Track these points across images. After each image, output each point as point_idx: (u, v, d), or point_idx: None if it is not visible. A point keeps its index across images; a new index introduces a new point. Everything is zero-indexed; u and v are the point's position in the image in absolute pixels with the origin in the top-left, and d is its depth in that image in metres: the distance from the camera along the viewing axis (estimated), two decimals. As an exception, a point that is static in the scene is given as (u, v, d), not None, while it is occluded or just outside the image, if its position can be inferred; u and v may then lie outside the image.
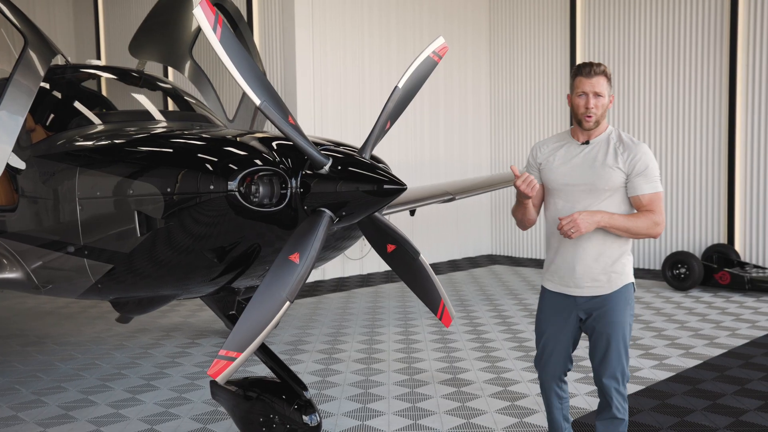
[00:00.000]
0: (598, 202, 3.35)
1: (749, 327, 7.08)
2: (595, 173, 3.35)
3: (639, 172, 3.31)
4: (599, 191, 3.34)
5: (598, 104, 3.33)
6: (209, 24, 2.83)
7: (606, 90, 3.35)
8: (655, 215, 3.31)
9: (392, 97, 3.45)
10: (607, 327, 3.38)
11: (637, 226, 3.30)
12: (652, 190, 3.31)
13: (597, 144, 3.40)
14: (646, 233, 3.32)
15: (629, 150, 3.34)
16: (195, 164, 3.44)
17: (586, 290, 3.40)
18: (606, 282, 3.38)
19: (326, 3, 10.40)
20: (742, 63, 9.82)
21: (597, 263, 3.37)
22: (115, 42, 13.96)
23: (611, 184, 3.33)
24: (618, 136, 3.41)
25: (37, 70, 4.22)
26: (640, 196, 3.33)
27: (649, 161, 3.32)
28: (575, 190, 3.39)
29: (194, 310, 8.35)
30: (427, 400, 5.08)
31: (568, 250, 3.42)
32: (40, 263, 4.34)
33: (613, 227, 3.30)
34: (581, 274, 3.39)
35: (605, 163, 3.33)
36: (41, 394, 5.35)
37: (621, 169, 3.32)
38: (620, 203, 3.37)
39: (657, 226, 3.31)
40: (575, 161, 3.41)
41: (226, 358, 2.87)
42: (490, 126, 13.17)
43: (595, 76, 3.32)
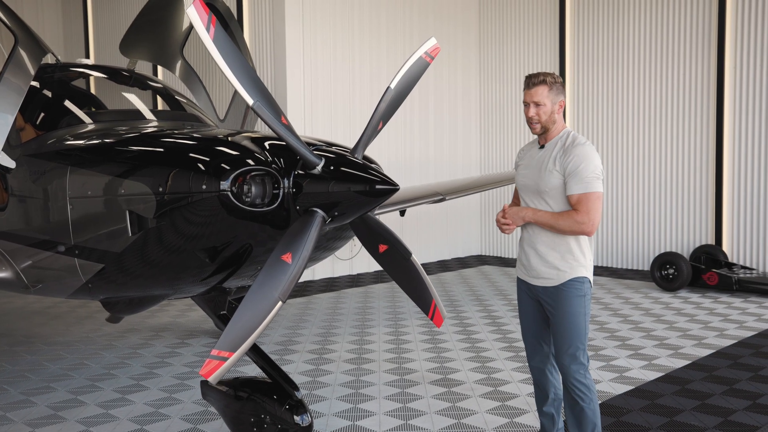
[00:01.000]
0: (543, 202, 3.66)
1: (737, 327, 7.13)
2: (539, 175, 3.65)
3: (570, 173, 3.53)
4: (542, 192, 3.64)
5: (539, 112, 3.62)
6: (202, 23, 2.82)
7: (547, 98, 3.60)
8: (578, 215, 3.50)
9: (384, 98, 3.45)
10: (558, 317, 3.65)
11: (559, 224, 3.55)
12: (580, 190, 3.51)
13: (549, 147, 3.68)
14: (570, 230, 3.55)
15: (566, 152, 3.57)
16: (187, 164, 3.42)
17: (541, 281, 3.70)
18: (556, 275, 3.63)
19: (316, 2, 10.40)
20: (730, 65, 9.89)
21: (547, 257, 3.64)
22: (104, 41, 13.90)
23: (550, 185, 3.60)
24: (566, 138, 3.64)
25: (27, 68, 4.20)
26: (569, 196, 3.56)
27: (580, 162, 3.51)
28: (528, 190, 3.74)
29: (183, 310, 8.33)
30: (417, 400, 5.09)
31: (526, 243, 3.77)
32: (29, 263, 4.32)
33: (537, 222, 3.62)
34: (535, 266, 3.70)
35: (547, 167, 3.61)
36: (30, 394, 5.32)
37: (558, 171, 3.57)
38: (564, 204, 3.60)
39: (580, 225, 3.50)
40: (531, 163, 3.74)
41: (218, 357, 2.86)
42: (479, 126, 13.20)
43: (533, 87, 3.62)
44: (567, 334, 3.62)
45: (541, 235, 3.67)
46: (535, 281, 3.74)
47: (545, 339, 3.88)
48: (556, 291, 3.65)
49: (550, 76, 3.65)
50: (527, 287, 3.83)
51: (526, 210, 3.66)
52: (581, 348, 3.63)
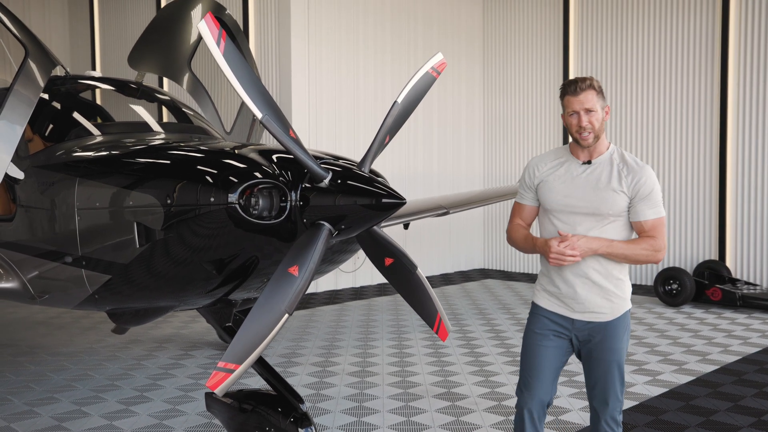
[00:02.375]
0: (600, 226, 3.22)
1: (741, 343, 7.12)
2: (598, 196, 3.21)
3: (643, 197, 3.19)
4: (602, 216, 3.21)
5: (591, 120, 3.21)
6: (213, 38, 2.85)
7: (598, 103, 3.22)
8: (656, 241, 3.18)
9: (391, 112, 3.47)
10: (604, 353, 3.28)
11: (636, 254, 3.18)
12: (655, 215, 3.20)
13: (600, 164, 3.27)
14: (646, 260, 3.21)
15: (633, 173, 3.21)
16: (195, 176, 3.45)
17: (588, 315, 3.28)
18: (608, 308, 3.26)
19: (322, 14, 10.47)
20: (733, 79, 9.92)
21: (599, 287, 3.24)
22: (110, 51, 13.98)
23: (615, 208, 3.20)
24: (621, 156, 3.28)
25: (37, 80, 4.23)
26: (642, 222, 3.21)
27: (653, 185, 3.20)
28: (576, 212, 3.25)
29: (187, 322, 8.33)
30: (421, 413, 5.08)
31: (570, 273, 3.27)
32: (36, 273, 4.34)
33: (612, 255, 3.18)
34: (583, 298, 3.26)
35: (609, 186, 3.20)
36: (34, 405, 5.32)
37: (625, 193, 3.19)
38: (622, 228, 3.25)
39: (658, 253, 3.19)
40: (577, 182, 3.27)
41: (224, 370, 2.87)
42: (483, 140, 13.23)
43: (582, 93, 3.21)
44: (612, 374, 3.26)
45: (596, 262, 3.22)
46: (580, 315, 3.28)
47: (552, 387, 3.40)
48: (607, 326, 3.26)
49: (595, 80, 3.26)
50: (560, 323, 3.33)
51: (598, 241, 3.15)
52: (623, 387, 3.32)
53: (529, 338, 3.44)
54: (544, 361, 3.37)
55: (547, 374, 3.37)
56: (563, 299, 3.31)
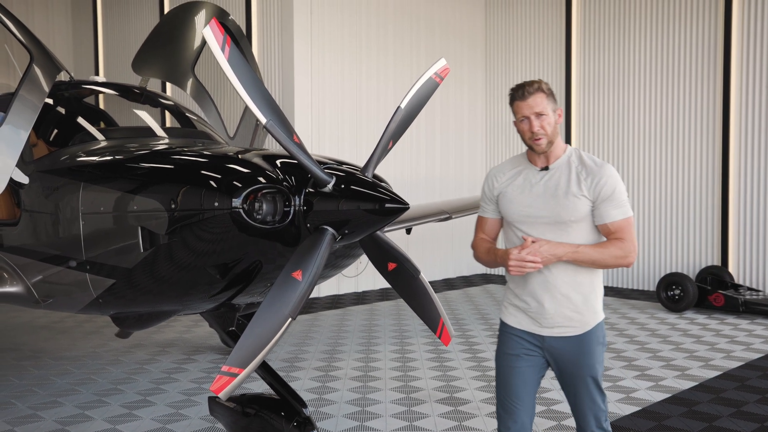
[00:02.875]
0: (563, 234, 3.05)
1: (744, 349, 7.11)
2: (558, 204, 3.05)
3: (605, 198, 3.02)
4: (565, 223, 3.05)
5: (543, 124, 3.05)
6: (218, 43, 2.87)
7: (548, 107, 3.06)
8: (625, 243, 3.01)
9: (394, 118, 3.48)
10: (579, 369, 3.10)
11: (605, 259, 3.01)
12: (621, 216, 3.03)
13: (557, 169, 3.11)
14: (616, 264, 3.03)
15: (593, 174, 3.05)
16: (199, 181, 3.46)
17: (559, 330, 3.10)
18: (579, 321, 3.08)
19: (324, 19, 10.50)
20: (736, 84, 9.93)
21: (568, 300, 3.07)
22: (113, 56, 14.03)
23: (577, 214, 3.03)
24: (579, 158, 3.12)
25: (41, 86, 4.25)
26: (608, 224, 3.03)
27: (615, 184, 3.03)
28: (538, 221, 3.09)
29: (190, 326, 8.34)
30: (424, 418, 5.08)
31: (536, 283, 3.10)
32: (40, 277, 4.35)
33: (578, 261, 3.02)
34: (552, 313, 3.08)
35: (569, 192, 3.04)
36: (37, 409, 5.33)
37: (586, 197, 3.03)
38: (588, 233, 3.09)
39: (628, 256, 3.01)
40: (536, 190, 3.12)
41: (228, 374, 2.87)
42: (485, 145, 13.25)
43: (530, 96, 3.06)
44: (589, 390, 3.11)
45: (562, 271, 3.05)
46: (548, 331, 3.11)
47: (532, 407, 3.23)
48: (578, 341, 3.08)
49: (543, 83, 3.11)
50: (530, 341, 3.17)
51: (563, 246, 2.99)
52: (604, 397, 3.16)
53: (501, 360, 3.29)
54: (520, 384, 3.20)
55: (526, 397, 3.20)
56: (531, 314, 3.15)
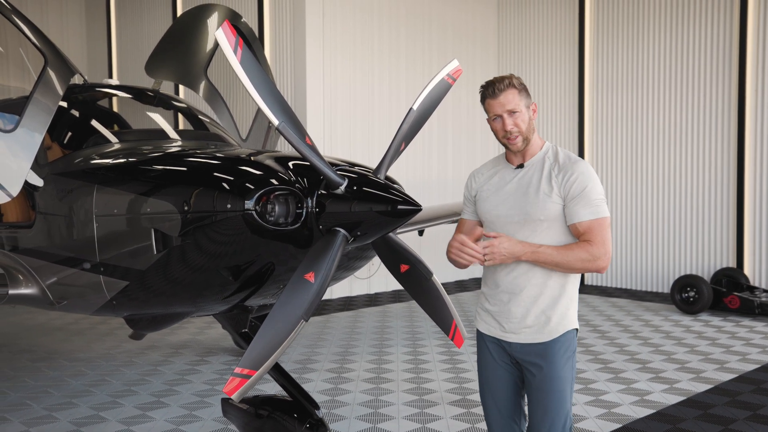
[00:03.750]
0: (534, 234, 2.92)
1: (760, 352, 7.05)
2: (528, 202, 2.93)
3: (575, 196, 2.87)
4: (535, 222, 2.92)
5: (517, 122, 2.95)
6: (230, 46, 2.87)
7: (521, 102, 2.94)
8: (592, 247, 2.82)
9: (407, 119, 3.47)
10: (543, 382, 2.93)
11: (569, 261, 2.82)
12: (590, 216, 2.85)
13: (531, 166, 3.00)
14: (582, 268, 2.84)
15: (564, 171, 2.91)
16: (212, 183, 3.47)
17: (524, 335, 2.96)
18: (544, 327, 2.93)
19: (337, 21, 10.51)
20: (751, 86, 9.85)
21: (535, 305, 2.93)
22: (127, 58, 14.11)
23: (547, 213, 2.90)
24: (555, 155, 3.00)
25: (56, 89, 4.28)
26: (577, 224, 2.87)
27: (587, 182, 2.87)
28: (509, 221, 2.98)
29: (203, 328, 8.37)
30: (436, 420, 5.07)
31: (505, 285, 2.99)
32: (55, 279, 4.38)
33: (539, 262, 2.86)
34: (517, 317, 2.96)
35: (539, 190, 2.92)
36: (52, 410, 5.36)
37: (557, 194, 2.89)
38: (561, 234, 2.93)
39: (597, 260, 2.81)
40: (508, 189, 3.02)
41: (241, 375, 2.88)
42: (497, 146, 13.20)
43: (501, 94, 2.95)
44: (556, 405, 2.91)
45: (529, 274, 2.92)
46: (514, 336, 2.97)
47: (518, 415, 3.09)
48: (544, 348, 2.93)
49: (515, 78, 2.97)
50: (498, 346, 3.05)
51: (521, 245, 2.82)
52: (568, 421, 2.95)
53: (480, 370, 3.18)
54: (500, 393, 3.10)
55: (508, 405, 3.09)
56: (498, 318, 3.04)
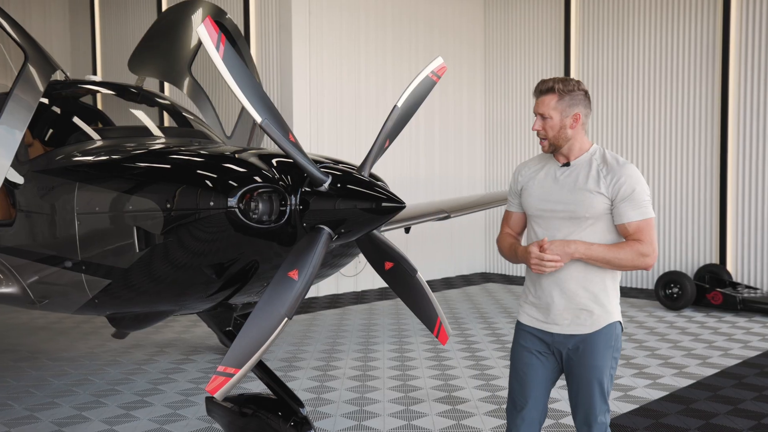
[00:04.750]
0: (579, 230, 3.02)
1: (741, 347, 7.11)
2: (574, 198, 3.02)
3: (624, 197, 2.96)
4: (580, 219, 3.01)
5: (546, 126, 3.08)
6: (212, 42, 2.85)
7: (555, 110, 3.04)
8: (642, 245, 2.95)
9: (391, 116, 3.47)
10: (584, 371, 3.04)
11: (619, 258, 2.95)
12: (639, 216, 2.96)
13: (578, 166, 3.08)
14: (632, 266, 2.97)
15: (613, 172, 3.00)
16: (195, 180, 3.45)
17: (565, 327, 3.06)
18: (587, 319, 3.04)
19: (323, 18, 10.48)
20: (734, 83, 9.92)
21: (577, 297, 3.03)
22: (111, 55, 14.01)
23: (593, 210, 2.99)
24: (602, 156, 3.08)
25: (36, 85, 4.23)
26: (626, 224, 2.98)
27: (635, 184, 2.97)
28: (554, 216, 3.07)
29: (188, 326, 8.33)
30: (422, 417, 5.07)
31: (546, 281, 3.08)
32: (36, 278, 4.34)
33: (591, 259, 2.97)
34: (560, 309, 3.06)
35: (586, 188, 3.00)
36: (34, 410, 5.32)
37: (604, 194, 2.98)
38: (605, 232, 3.03)
39: (645, 258, 2.95)
40: (555, 185, 3.10)
41: (224, 374, 2.86)
42: (485, 144, 13.24)
43: (540, 96, 3.10)
44: (592, 393, 3.02)
45: (573, 269, 3.02)
46: (558, 328, 3.07)
47: (544, 406, 3.20)
48: (587, 339, 3.03)
49: (563, 82, 3.04)
50: (540, 337, 3.14)
51: (575, 244, 2.95)
52: (606, 408, 3.06)
53: (515, 354, 3.26)
54: (532, 380, 3.17)
55: (537, 393, 3.17)
56: (542, 310, 3.12)
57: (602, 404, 3.05)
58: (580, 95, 3.07)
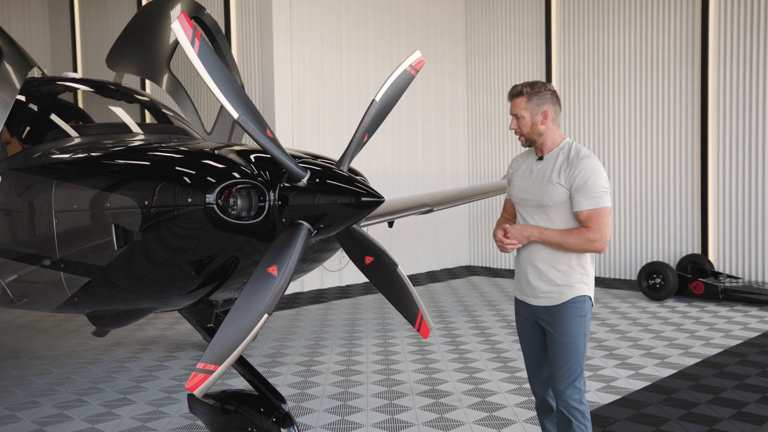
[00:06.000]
0: (546, 217, 3.42)
1: (723, 336, 7.18)
2: (541, 189, 3.42)
3: (578, 188, 3.31)
4: (545, 207, 3.41)
5: (519, 125, 3.47)
6: (187, 38, 2.84)
7: (525, 110, 3.44)
8: (590, 232, 3.29)
9: (369, 111, 3.48)
10: (556, 336, 3.42)
11: (569, 243, 3.33)
12: (591, 206, 3.30)
13: (549, 159, 3.47)
14: (581, 249, 3.34)
15: (572, 165, 3.36)
16: (173, 177, 3.43)
17: (540, 300, 3.46)
18: (557, 293, 3.41)
19: (304, 14, 10.44)
20: (714, 75, 9.99)
21: (547, 274, 3.42)
22: (91, 53, 13.88)
23: (554, 200, 3.37)
24: (569, 149, 3.43)
25: (12, 82, 4.20)
26: (578, 212, 3.34)
27: (589, 176, 3.30)
28: (527, 204, 3.50)
29: (171, 323, 8.30)
30: (405, 411, 5.09)
31: (524, 261, 3.51)
32: (15, 277, 4.30)
33: (545, 242, 3.38)
34: (534, 285, 3.47)
35: (551, 180, 3.39)
36: (15, 410, 5.28)
37: (563, 185, 3.35)
38: (568, 218, 3.39)
39: (593, 243, 3.30)
40: (529, 177, 3.51)
41: (203, 371, 2.86)
42: (467, 137, 13.26)
43: (512, 99, 3.49)
44: (564, 357, 3.39)
45: (541, 251, 3.42)
46: (534, 300, 3.49)
47: (545, 363, 3.60)
48: (556, 310, 3.41)
49: (530, 86, 3.45)
50: (526, 308, 3.57)
51: (531, 228, 3.40)
52: (578, 372, 3.40)
53: (518, 329, 3.72)
54: (530, 348, 3.65)
55: (537, 359, 3.62)
56: (523, 285, 3.55)
57: (576, 367, 3.40)
58: (547, 95, 3.46)
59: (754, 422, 4.72)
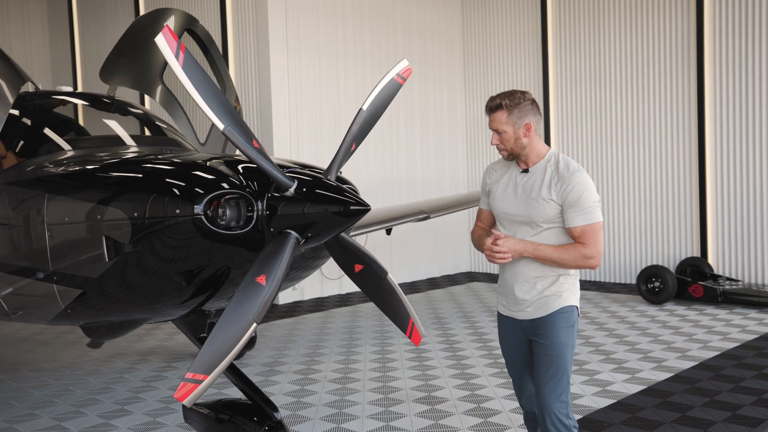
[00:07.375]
0: (535, 233, 3.33)
1: (721, 339, 7.18)
2: (530, 205, 3.32)
3: (571, 204, 3.23)
4: (535, 224, 3.32)
5: (502, 140, 3.35)
6: (171, 51, 2.87)
7: (506, 124, 3.31)
8: (585, 248, 3.23)
9: (356, 120, 3.51)
10: (543, 349, 3.35)
11: (564, 259, 3.25)
12: (584, 222, 3.23)
13: (535, 172, 3.36)
14: (576, 266, 3.27)
15: (563, 180, 3.26)
16: (161, 188, 3.46)
17: (526, 313, 3.39)
18: (543, 305, 3.35)
19: (300, 25, 10.50)
20: (710, 78, 10.02)
21: (534, 287, 3.35)
22: (91, 67, 13.96)
23: (545, 216, 3.29)
24: (556, 162, 3.33)
25: (6, 97, 4.24)
26: (572, 228, 3.27)
27: (582, 191, 3.23)
28: (514, 220, 3.39)
29: (171, 334, 8.32)
30: (401, 418, 5.10)
31: (509, 274, 3.44)
32: (10, 290, 4.33)
33: (539, 258, 3.28)
34: (520, 298, 3.39)
35: (540, 196, 3.29)
36: (13, 422, 5.31)
37: (555, 201, 3.27)
38: (559, 234, 3.32)
39: (588, 260, 3.23)
40: (515, 191, 3.40)
41: (192, 381, 2.88)
42: (466, 144, 13.29)
43: (491, 113, 3.37)
44: (552, 370, 3.31)
45: (530, 264, 3.34)
46: (522, 314, 3.41)
47: (529, 373, 3.56)
48: (544, 321, 3.35)
49: (509, 97, 3.32)
50: (512, 323, 3.50)
51: (525, 244, 3.27)
52: (564, 385, 3.33)
53: (501, 344, 3.64)
54: (515, 363, 3.59)
55: (523, 373, 3.57)
56: (508, 299, 3.47)
57: (563, 379, 3.31)
58: (527, 105, 3.33)
59: (748, 425, 4.72)
